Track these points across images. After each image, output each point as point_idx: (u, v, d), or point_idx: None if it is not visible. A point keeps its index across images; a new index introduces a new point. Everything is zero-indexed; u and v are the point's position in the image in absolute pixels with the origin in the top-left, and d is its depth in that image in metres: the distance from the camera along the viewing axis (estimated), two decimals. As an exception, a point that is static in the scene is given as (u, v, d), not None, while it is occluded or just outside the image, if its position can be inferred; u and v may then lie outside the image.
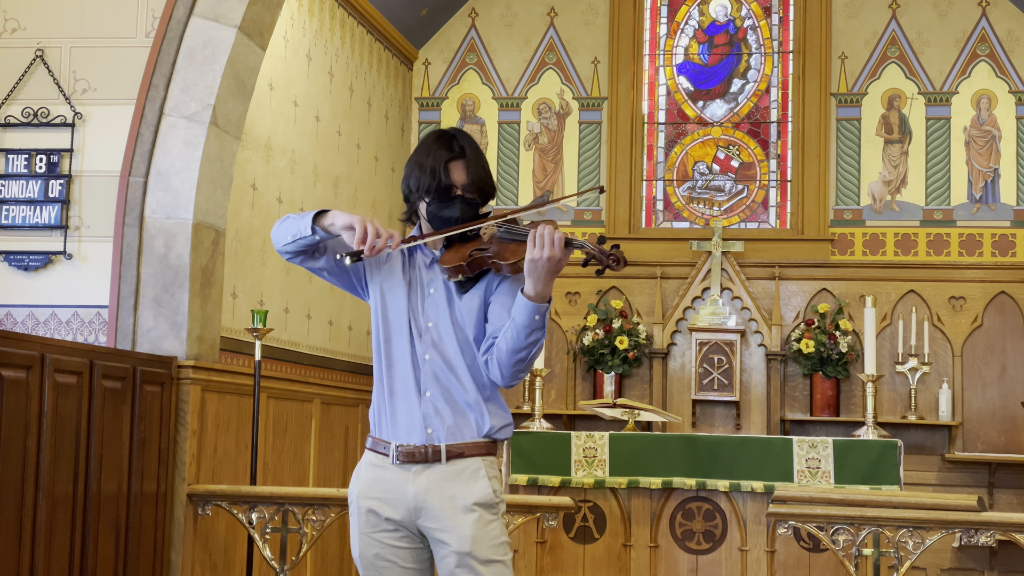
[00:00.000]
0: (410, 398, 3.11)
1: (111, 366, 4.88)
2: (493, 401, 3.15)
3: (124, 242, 5.45)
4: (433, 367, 3.10)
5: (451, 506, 3.05)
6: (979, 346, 8.27)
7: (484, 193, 3.15)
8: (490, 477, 3.10)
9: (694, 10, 9.00)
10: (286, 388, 6.60)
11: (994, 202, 8.35)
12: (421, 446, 3.08)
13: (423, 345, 3.11)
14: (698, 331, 8.20)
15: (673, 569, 6.13)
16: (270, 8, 5.79)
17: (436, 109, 8.95)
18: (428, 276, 3.16)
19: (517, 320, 2.99)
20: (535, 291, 2.96)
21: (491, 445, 3.14)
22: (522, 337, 3.00)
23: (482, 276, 3.13)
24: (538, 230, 2.94)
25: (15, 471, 4.27)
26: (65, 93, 5.57)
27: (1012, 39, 8.44)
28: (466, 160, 3.12)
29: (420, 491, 3.07)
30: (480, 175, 3.13)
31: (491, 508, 3.08)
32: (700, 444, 6.15)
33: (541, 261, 2.93)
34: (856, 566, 4.99)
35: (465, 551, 3.03)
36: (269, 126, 6.62)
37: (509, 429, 3.18)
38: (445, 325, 3.11)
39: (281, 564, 5.35)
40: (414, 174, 3.15)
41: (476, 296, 3.13)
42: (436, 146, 3.14)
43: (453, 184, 3.11)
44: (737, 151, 8.86)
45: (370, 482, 3.14)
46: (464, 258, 3.07)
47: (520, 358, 3.03)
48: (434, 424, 3.09)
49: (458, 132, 3.18)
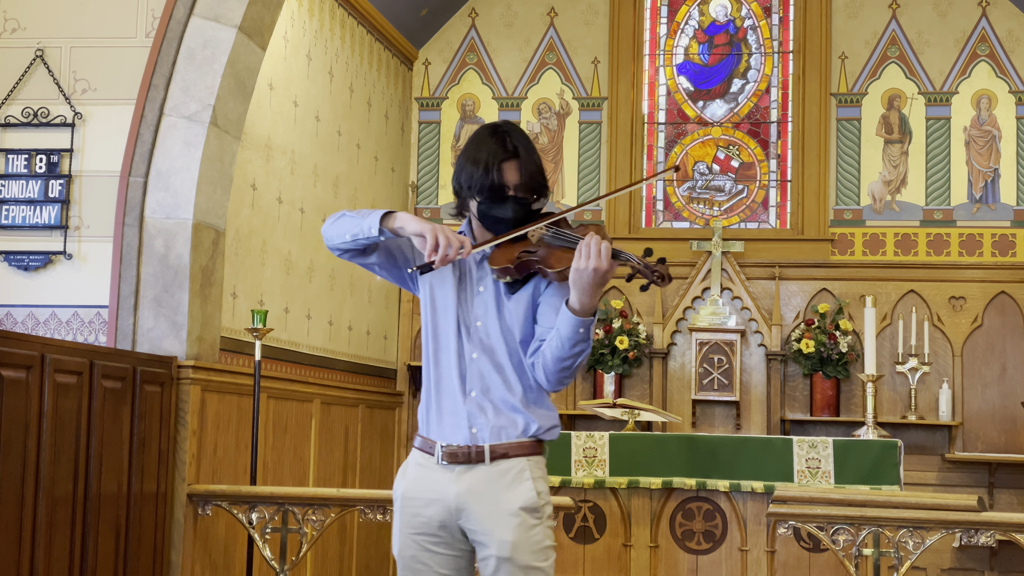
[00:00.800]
0: (455, 397, 3.06)
1: (111, 366, 4.88)
2: (539, 402, 3.10)
3: (124, 242, 5.45)
4: (480, 366, 3.06)
5: (493, 510, 3.00)
6: (979, 346, 8.27)
7: (537, 192, 3.09)
8: (535, 478, 3.04)
9: (694, 10, 9.00)
10: (286, 388, 6.60)
11: (994, 202, 8.35)
12: (465, 446, 3.03)
13: (471, 344, 3.07)
14: (698, 331, 8.20)
15: (673, 569, 6.13)
16: (270, 8, 5.79)
17: (436, 109, 8.95)
18: (478, 274, 3.11)
19: (562, 331, 2.95)
20: (580, 303, 2.90)
21: (537, 445, 3.08)
22: (566, 348, 2.95)
23: (531, 277, 3.07)
24: (586, 239, 2.88)
25: (15, 471, 4.27)
26: (65, 93, 5.57)
27: (1012, 39, 8.44)
28: (519, 160, 3.06)
29: (462, 492, 3.02)
30: (533, 174, 3.07)
31: (535, 512, 3.02)
32: (700, 444, 6.15)
33: (587, 272, 2.87)
34: (856, 566, 4.99)
35: (505, 556, 2.98)
36: (269, 126, 6.62)
37: (556, 430, 3.12)
38: (493, 324, 3.07)
39: (281, 564, 5.35)
40: (466, 171, 3.09)
41: (524, 297, 3.08)
42: (489, 143, 3.07)
43: (505, 184, 3.05)
44: (737, 151, 8.86)
45: (415, 481, 3.10)
46: (512, 260, 3.02)
47: (565, 366, 2.99)
48: (479, 424, 3.04)
49: (511, 128, 3.12)
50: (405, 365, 8.61)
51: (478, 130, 3.17)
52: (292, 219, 6.91)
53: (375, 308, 8.22)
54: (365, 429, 7.79)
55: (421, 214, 8.85)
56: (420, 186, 8.89)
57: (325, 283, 7.36)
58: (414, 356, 8.66)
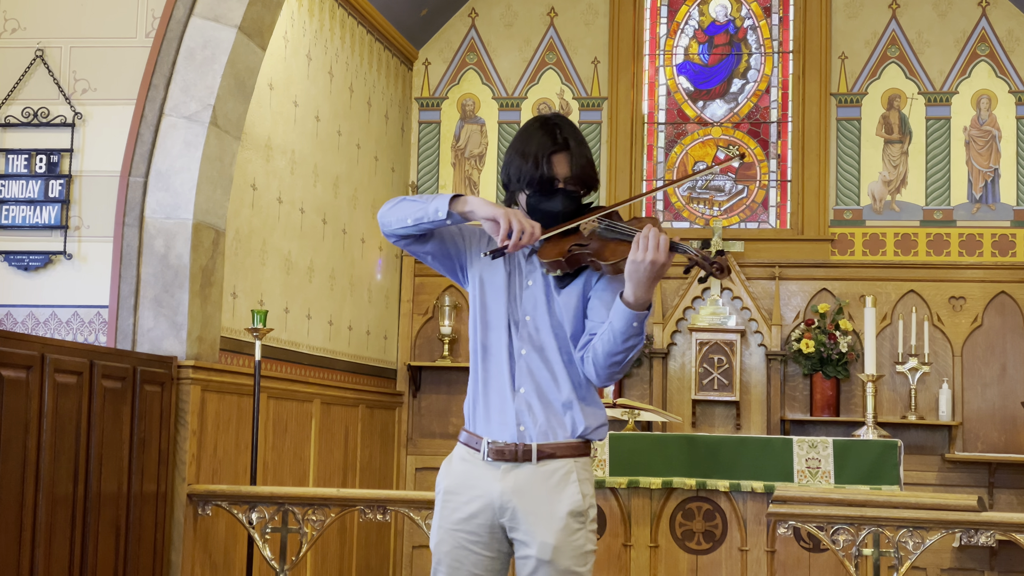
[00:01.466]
0: (504, 393, 3.03)
1: (111, 366, 4.88)
2: (588, 400, 3.06)
3: (124, 242, 5.45)
4: (528, 362, 3.02)
5: (538, 511, 2.97)
6: (979, 346, 8.26)
7: (587, 185, 3.06)
8: (581, 480, 3.02)
9: (694, 10, 9.00)
10: (286, 388, 6.60)
11: (994, 202, 8.35)
12: (512, 444, 3.00)
13: (520, 339, 3.03)
14: (698, 331, 8.20)
15: (673, 569, 6.13)
16: (270, 8, 5.79)
17: (436, 109, 8.95)
18: (527, 268, 3.07)
19: (615, 325, 2.90)
20: (635, 297, 2.86)
21: (584, 446, 3.05)
22: (619, 342, 2.91)
23: (582, 271, 3.03)
24: (643, 231, 2.84)
25: (15, 471, 4.27)
26: (65, 93, 5.57)
27: (1012, 39, 8.44)
28: (570, 152, 3.03)
29: (507, 490, 3.00)
30: (583, 166, 3.04)
31: (579, 516, 2.99)
32: (700, 444, 6.15)
33: (644, 264, 2.83)
34: (856, 566, 4.99)
35: (545, 559, 2.96)
36: (269, 126, 6.62)
37: (604, 430, 3.08)
38: (542, 319, 3.04)
39: (281, 564, 5.35)
40: (515, 163, 3.07)
41: (575, 291, 3.04)
42: (539, 135, 3.05)
43: (555, 177, 3.02)
44: (737, 151, 8.85)
45: (459, 476, 3.07)
46: (563, 253, 2.98)
47: (616, 361, 2.95)
48: (526, 422, 3.01)
49: (561, 120, 3.09)
50: (405, 365, 8.61)
51: (528, 122, 3.14)
52: (292, 219, 6.91)
53: (375, 308, 8.22)
54: (365, 429, 7.79)
55: (421, 214, 8.84)
56: (420, 186, 8.89)
57: (325, 283, 7.36)
58: (414, 356, 8.66)
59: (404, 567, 8.37)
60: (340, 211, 7.59)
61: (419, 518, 5.27)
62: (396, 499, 5.38)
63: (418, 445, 8.60)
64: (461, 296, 8.66)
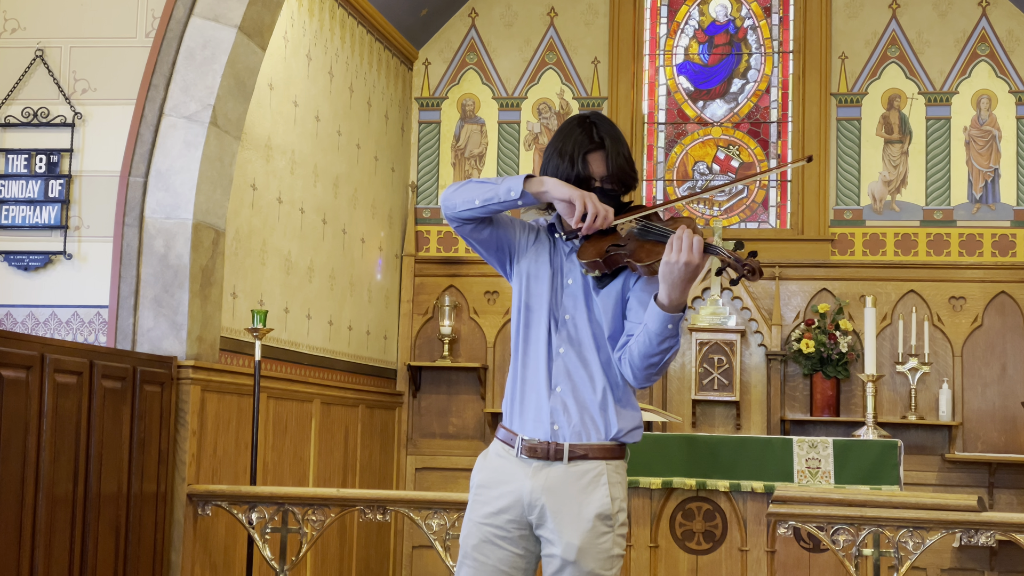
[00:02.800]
0: (540, 391, 3.03)
1: (111, 366, 4.88)
2: (624, 402, 3.05)
3: (124, 242, 5.45)
4: (566, 361, 3.02)
5: (566, 511, 2.97)
6: (979, 346, 8.27)
7: (625, 183, 3.06)
8: (612, 483, 3.00)
9: (694, 10, 9.00)
10: (286, 388, 6.60)
11: (994, 202, 8.35)
12: (545, 442, 3.00)
13: (559, 337, 3.03)
14: (698, 331, 8.20)
15: (673, 569, 6.13)
16: (270, 8, 5.79)
17: (436, 109, 8.95)
18: (567, 266, 3.07)
19: (649, 327, 2.90)
20: (669, 298, 2.85)
21: (618, 449, 3.04)
22: (654, 344, 2.90)
23: (620, 271, 3.03)
24: (677, 232, 2.83)
25: (15, 471, 4.27)
26: (65, 93, 5.57)
27: (1012, 39, 8.44)
28: (606, 151, 3.03)
29: (537, 488, 2.99)
30: (621, 165, 3.04)
31: (607, 520, 2.98)
32: (700, 444, 6.15)
33: (678, 266, 2.82)
34: (856, 566, 4.99)
35: (570, 560, 2.95)
36: (269, 126, 6.62)
37: (638, 432, 3.08)
38: (582, 318, 3.04)
39: (281, 564, 5.35)
40: (553, 162, 3.07)
41: (613, 292, 3.03)
42: (576, 133, 3.05)
43: (592, 176, 3.03)
44: (737, 151, 8.86)
45: (492, 471, 3.08)
46: (601, 254, 2.98)
47: (652, 363, 2.94)
48: (560, 421, 3.01)
49: (599, 119, 3.09)
50: (405, 365, 8.60)
51: (566, 121, 3.13)
52: (292, 219, 6.91)
53: (375, 308, 8.22)
54: (365, 429, 7.79)
55: (421, 214, 8.85)
56: (420, 186, 8.89)
57: (325, 283, 7.36)
58: (414, 356, 8.66)
59: (404, 567, 8.37)
60: (340, 211, 7.59)
61: (419, 518, 5.27)
62: (396, 499, 5.38)
63: (418, 445, 8.60)
64: (461, 296, 8.66)
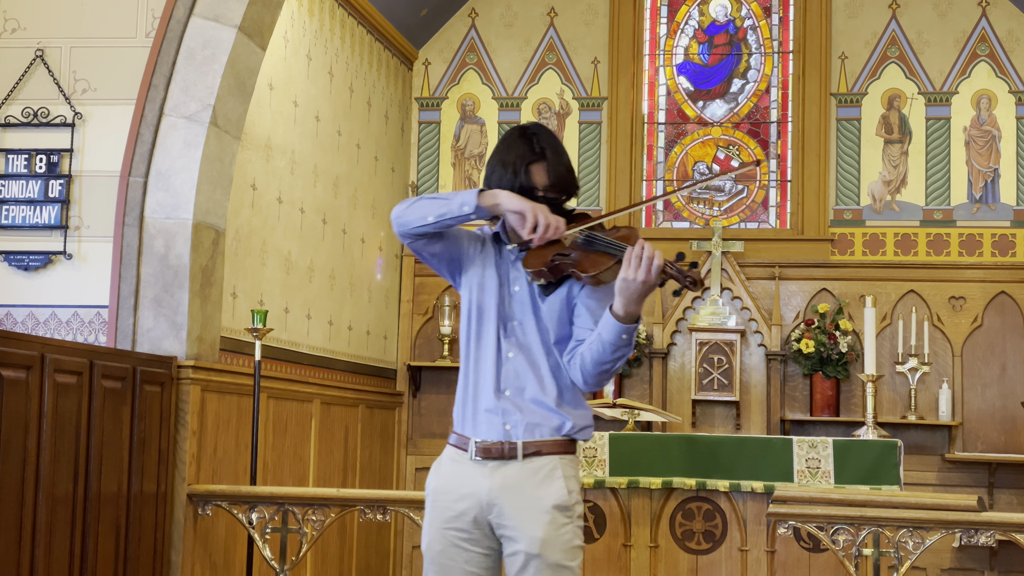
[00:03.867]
0: (491, 394, 3.10)
1: (111, 366, 4.88)
2: (573, 403, 3.13)
3: (124, 242, 5.45)
4: (515, 365, 3.10)
5: (525, 505, 3.03)
6: (979, 346, 8.26)
7: (566, 191, 3.13)
8: (567, 477, 3.07)
9: (694, 10, 9.00)
10: (286, 388, 6.60)
11: (994, 202, 8.35)
12: (499, 442, 3.07)
13: (508, 342, 3.11)
14: (698, 331, 8.20)
15: (673, 569, 6.13)
16: (270, 8, 5.79)
17: (436, 109, 8.95)
18: (514, 274, 3.15)
19: (604, 337, 2.97)
20: (625, 311, 2.93)
21: (570, 444, 3.11)
22: (608, 352, 2.98)
23: (564, 280, 3.09)
24: (636, 250, 2.89)
25: (15, 471, 4.27)
26: (65, 93, 5.57)
27: (1012, 39, 8.44)
28: (547, 161, 3.11)
29: (495, 487, 3.06)
30: (561, 174, 3.11)
31: (566, 511, 3.05)
32: (700, 444, 6.15)
33: (635, 283, 2.89)
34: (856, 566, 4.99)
35: (534, 553, 3.01)
36: (269, 126, 6.62)
37: (589, 431, 3.15)
38: (530, 324, 3.11)
39: (281, 564, 5.35)
40: (495, 173, 3.14)
41: (558, 299, 3.11)
42: (518, 145, 3.13)
43: (534, 186, 3.10)
44: (737, 151, 8.86)
45: (448, 476, 3.14)
46: (546, 262, 3.04)
47: (604, 369, 3.02)
48: (512, 421, 3.08)
49: (540, 130, 3.17)
50: (405, 365, 8.61)
51: (508, 132, 3.21)
52: (292, 219, 6.91)
53: (375, 308, 8.22)
54: (365, 429, 7.79)
55: (421, 214, 8.84)
56: (420, 186, 8.89)
57: (325, 283, 7.36)
58: (414, 356, 8.66)
59: (404, 567, 8.37)
60: (340, 211, 7.59)
61: (419, 518, 5.26)
62: (396, 499, 5.38)
63: (418, 445, 8.59)
64: (461, 296, 8.65)
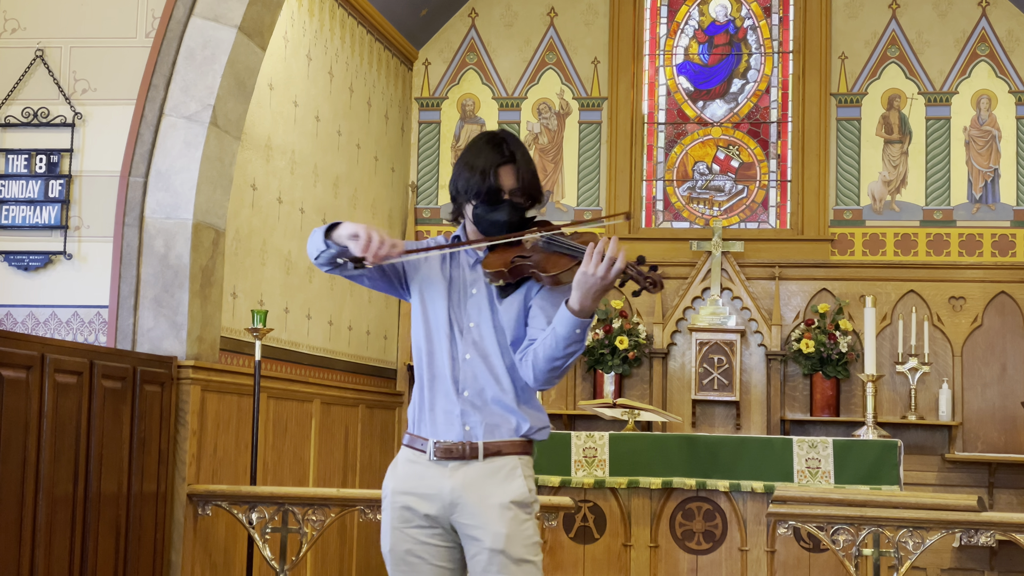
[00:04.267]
0: (449, 396, 3.13)
1: (111, 366, 4.88)
2: (530, 403, 3.17)
3: (124, 242, 5.45)
4: (473, 366, 3.13)
5: (487, 503, 3.06)
6: (979, 346, 8.26)
7: (532, 198, 3.17)
8: (526, 476, 3.12)
9: (694, 10, 9.00)
10: (286, 388, 6.60)
11: (994, 202, 8.35)
12: (459, 443, 3.10)
13: (464, 344, 3.14)
14: (698, 331, 8.20)
15: (673, 569, 6.13)
16: (270, 8, 5.79)
17: (436, 109, 8.95)
18: (471, 276, 3.19)
19: (558, 331, 3.00)
20: (581, 305, 2.96)
21: (527, 445, 3.16)
22: (560, 347, 3.01)
23: (523, 282, 3.14)
24: (599, 246, 2.93)
25: (15, 471, 4.27)
26: (65, 93, 5.57)
27: (1012, 39, 8.44)
28: (516, 165, 3.14)
29: (456, 487, 3.08)
30: (529, 180, 3.15)
31: (526, 507, 3.10)
32: (700, 444, 6.15)
33: (595, 277, 2.93)
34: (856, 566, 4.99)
35: (498, 549, 3.04)
36: (269, 126, 6.62)
37: (546, 431, 3.19)
38: (487, 326, 3.14)
39: (281, 564, 5.35)
40: (463, 176, 3.17)
41: (516, 300, 3.15)
42: (486, 149, 3.16)
43: (502, 188, 3.13)
44: (737, 151, 8.86)
45: (406, 477, 3.16)
46: (506, 264, 3.08)
47: (556, 366, 3.05)
48: (472, 421, 3.11)
49: (508, 135, 3.21)
50: (405, 365, 8.60)
51: (475, 137, 3.25)
52: (292, 219, 6.91)
53: (375, 308, 8.22)
54: (365, 429, 7.79)
55: (421, 214, 8.86)
56: (420, 186, 8.89)
57: (325, 283, 7.36)
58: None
59: (404, 567, 8.36)
60: (340, 211, 7.59)
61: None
62: (396, 499, 5.37)
63: (418, 445, 8.58)
64: (461, 296, 8.65)
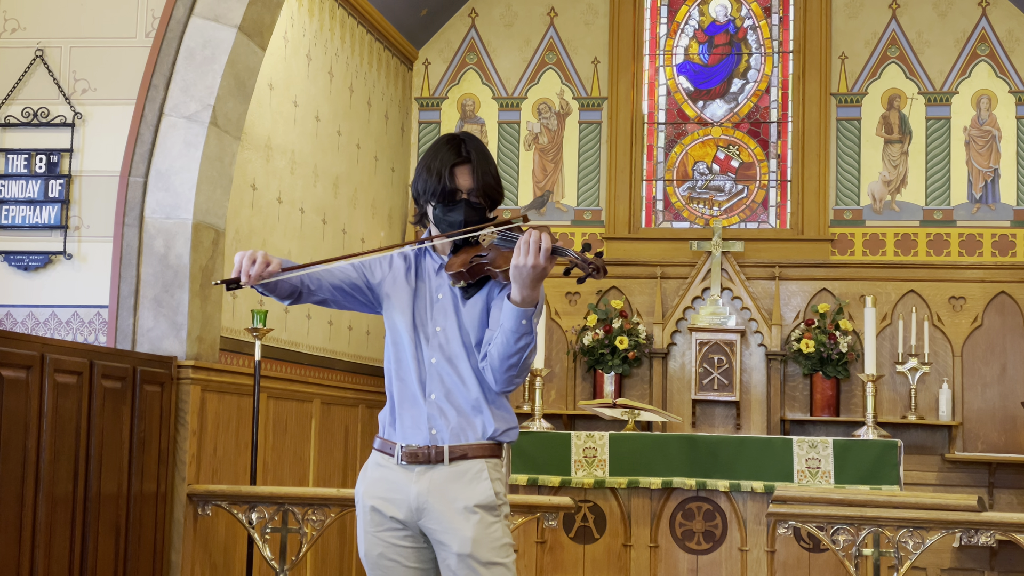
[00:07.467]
0: (416, 400, 3.15)
1: (111, 366, 4.88)
2: (498, 404, 3.18)
3: (124, 242, 5.45)
4: (439, 370, 3.14)
5: (452, 507, 3.07)
6: (979, 346, 8.27)
7: (491, 198, 3.18)
8: (493, 479, 3.12)
9: (694, 10, 9.00)
10: (286, 388, 6.60)
11: (994, 202, 8.35)
12: (425, 447, 3.11)
13: (430, 348, 3.15)
14: (698, 331, 8.20)
15: (673, 569, 6.13)
16: (270, 8, 5.79)
17: (436, 109, 8.95)
18: (436, 282, 3.20)
19: (505, 325, 3.02)
20: (520, 296, 2.98)
21: (495, 447, 3.17)
22: (511, 343, 3.02)
23: (485, 282, 3.16)
24: (524, 236, 2.96)
25: (15, 471, 4.27)
26: (65, 93, 5.57)
27: (1012, 39, 8.44)
28: (472, 165, 3.15)
29: (423, 492, 3.09)
30: (487, 180, 3.16)
31: (493, 510, 3.10)
32: (700, 444, 6.15)
33: (525, 268, 2.94)
34: (856, 566, 4.99)
35: (466, 553, 3.04)
36: (269, 126, 6.62)
37: (514, 432, 3.21)
38: (452, 330, 3.15)
39: (281, 564, 5.35)
40: (422, 177, 3.19)
41: (479, 302, 3.16)
42: (444, 150, 3.17)
43: (458, 188, 3.14)
44: (737, 151, 8.86)
45: (375, 481, 3.18)
46: (465, 264, 3.10)
47: (512, 363, 3.06)
48: (438, 425, 3.12)
49: (467, 137, 3.22)
50: (405, 365, 8.59)
51: (436, 139, 3.29)
52: (292, 219, 6.91)
53: (375, 308, 8.21)
54: (365, 429, 7.79)
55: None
56: (420, 186, 8.88)
57: (325, 283, 7.35)
58: (414, 356, 8.65)
59: (404, 567, 8.36)
60: (340, 211, 7.59)
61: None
62: (396, 499, 5.37)
63: (418, 445, 8.59)
64: (461, 296, 8.65)
